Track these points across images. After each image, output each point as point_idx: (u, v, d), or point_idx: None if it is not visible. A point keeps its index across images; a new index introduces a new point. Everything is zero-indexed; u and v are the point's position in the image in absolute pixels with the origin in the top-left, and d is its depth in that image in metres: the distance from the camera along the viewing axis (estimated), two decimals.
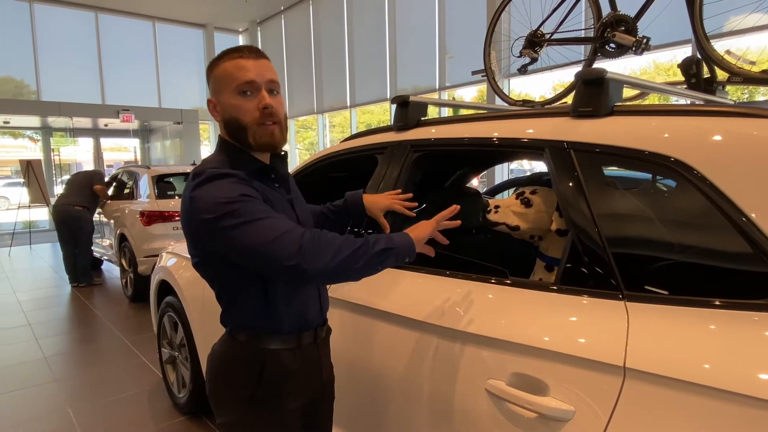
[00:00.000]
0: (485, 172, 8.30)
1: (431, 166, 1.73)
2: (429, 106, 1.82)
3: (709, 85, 1.86)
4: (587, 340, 1.00)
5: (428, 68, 9.10)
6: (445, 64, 8.87)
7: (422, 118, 1.72)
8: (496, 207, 1.50)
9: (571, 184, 1.17)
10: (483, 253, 1.86)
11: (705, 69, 1.93)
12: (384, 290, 1.50)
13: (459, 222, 1.23)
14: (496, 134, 1.39)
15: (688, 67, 1.84)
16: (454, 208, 1.23)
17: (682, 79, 1.95)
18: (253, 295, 1.15)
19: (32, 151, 13.08)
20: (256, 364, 1.16)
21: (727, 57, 1.88)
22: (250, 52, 1.14)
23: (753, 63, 1.86)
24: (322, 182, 2.16)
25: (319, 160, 1.99)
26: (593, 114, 1.22)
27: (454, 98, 9.42)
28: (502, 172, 7.53)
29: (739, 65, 1.86)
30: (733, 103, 1.87)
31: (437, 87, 9.03)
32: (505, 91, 2.62)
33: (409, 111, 1.71)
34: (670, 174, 1.04)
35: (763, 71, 1.80)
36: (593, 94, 1.22)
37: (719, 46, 1.92)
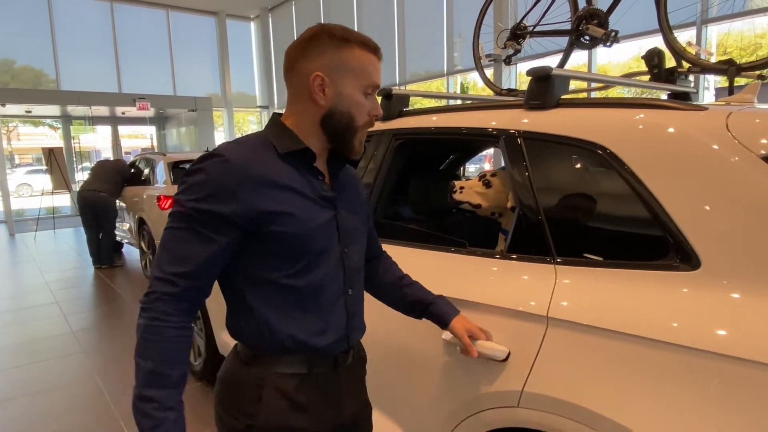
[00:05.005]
0: (483, 156, 8.41)
1: (413, 152, 1.93)
2: (424, 97, 2.02)
3: (671, 75, 2.01)
4: (521, 296, 1.21)
5: (437, 53, 9.20)
6: (453, 49, 8.97)
7: (404, 109, 1.92)
8: (461, 188, 1.70)
9: (519, 167, 1.36)
10: (461, 229, 2.06)
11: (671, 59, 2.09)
12: None
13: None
14: (461, 124, 1.58)
15: (650, 58, 2.00)
16: None
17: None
18: (239, 303, 1.01)
19: (52, 139, 13.50)
20: (253, 389, 1.00)
21: (688, 48, 2.04)
22: (379, 51, 1.03)
23: (711, 54, 2.01)
24: None
25: None
26: (541, 106, 1.41)
27: (462, 83, 9.55)
28: None
29: (698, 56, 2.01)
30: (695, 91, 2.02)
31: (446, 72, 9.14)
32: (511, 77, 2.79)
33: (392, 102, 1.91)
34: (597, 158, 1.23)
35: (720, 62, 1.95)
36: (541, 89, 1.41)
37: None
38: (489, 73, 9.13)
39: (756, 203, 0.98)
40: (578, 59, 6.89)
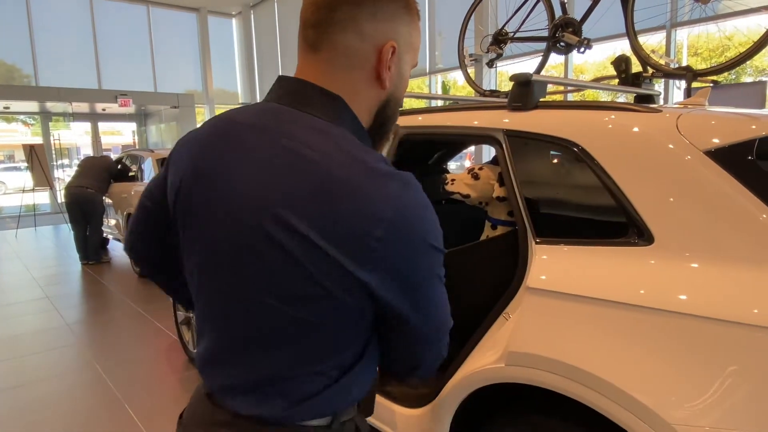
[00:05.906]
0: (470, 152, 8.68)
1: (407, 149, 2.11)
2: (420, 99, 2.21)
3: (637, 79, 2.23)
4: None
5: (419, 52, 9.39)
6: (434, 48, 9.18)
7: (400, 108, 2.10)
8: (452, 180, 1.89)
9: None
10: (454, 219, 2.26)
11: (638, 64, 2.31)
12: None
13: None
14: (451, 123, 1.77)
15: (618, 64, 2.21)
16: None
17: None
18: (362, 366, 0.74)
19: (24, 135, 13.31)
20: None
21: (652, 55, 2.26)
22: None
23: (672, 60, 2.24)
24: None
25: None
26: (522, 108, 1.60)
27: (444, 82, 9.78)
28: (489, 152, 7.95)
29: (661, 62, 2.24)
30: (658, 93, 2.25)
31: (428, 71, 9.35)
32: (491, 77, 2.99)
33: None
34: (571, 153, 1.43)
35: (680, 68, 2.18)
36: (522, 93, 1.60)
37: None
38: (470, 71, 9.39)
39: (700, 190, 1.18)
40: (557, 58, 7.18)
